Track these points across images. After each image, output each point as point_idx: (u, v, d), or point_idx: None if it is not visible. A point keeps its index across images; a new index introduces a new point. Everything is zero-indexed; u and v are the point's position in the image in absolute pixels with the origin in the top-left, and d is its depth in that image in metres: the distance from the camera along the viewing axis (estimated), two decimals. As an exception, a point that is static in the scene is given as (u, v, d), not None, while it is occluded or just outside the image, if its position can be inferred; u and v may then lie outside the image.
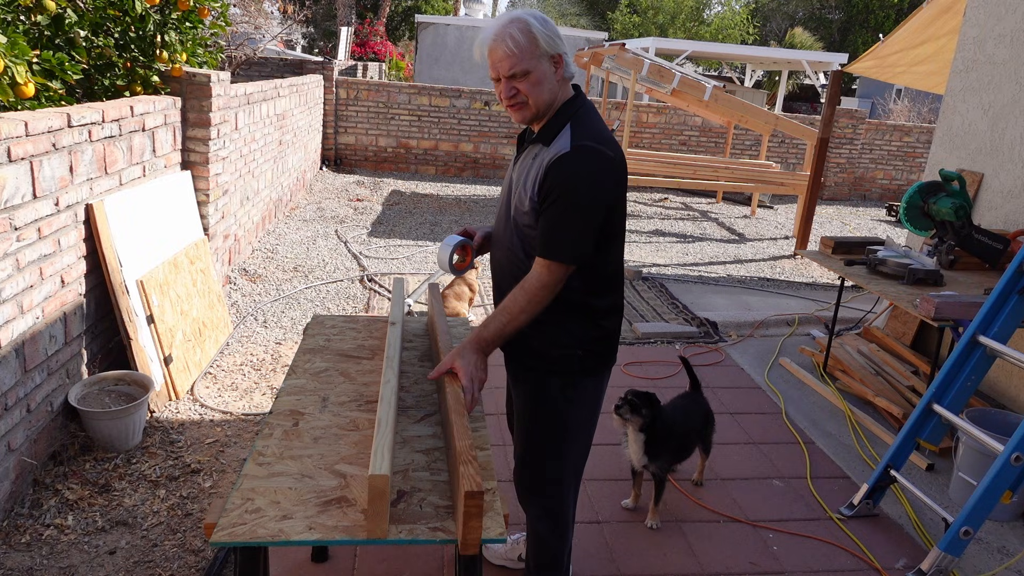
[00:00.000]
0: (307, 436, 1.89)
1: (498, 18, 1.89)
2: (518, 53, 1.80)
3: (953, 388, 2.96)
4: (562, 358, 2.00)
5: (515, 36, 1.80)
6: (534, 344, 2.01)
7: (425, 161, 10.97)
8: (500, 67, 1.83)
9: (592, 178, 1.82)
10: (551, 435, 2.08)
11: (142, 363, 3.35)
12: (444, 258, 2.10)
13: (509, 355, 2.12)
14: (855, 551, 2.80)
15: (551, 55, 1.84)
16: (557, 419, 2.06)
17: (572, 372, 2.02)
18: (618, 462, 3.27)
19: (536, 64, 1.82)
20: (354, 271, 5.93)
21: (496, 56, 1.83)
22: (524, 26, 1.81)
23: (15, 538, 2.53)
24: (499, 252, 2.09)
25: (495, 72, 1.86)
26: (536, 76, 1.83)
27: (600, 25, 28.16)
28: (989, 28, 4.26)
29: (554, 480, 2.13)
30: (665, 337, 4.91)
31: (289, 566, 2.49)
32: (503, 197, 2.06)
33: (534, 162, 1.90)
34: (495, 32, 1.83)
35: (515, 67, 1.81)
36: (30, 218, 2.73)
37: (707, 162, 8.98)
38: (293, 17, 18.55)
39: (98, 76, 4.00)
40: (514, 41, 1.80)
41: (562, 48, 1.86)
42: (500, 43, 1.81)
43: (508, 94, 1.86)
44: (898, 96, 22.30)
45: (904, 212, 3.87)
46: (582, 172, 1.81)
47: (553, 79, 1.86)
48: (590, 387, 2.08)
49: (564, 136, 1.85)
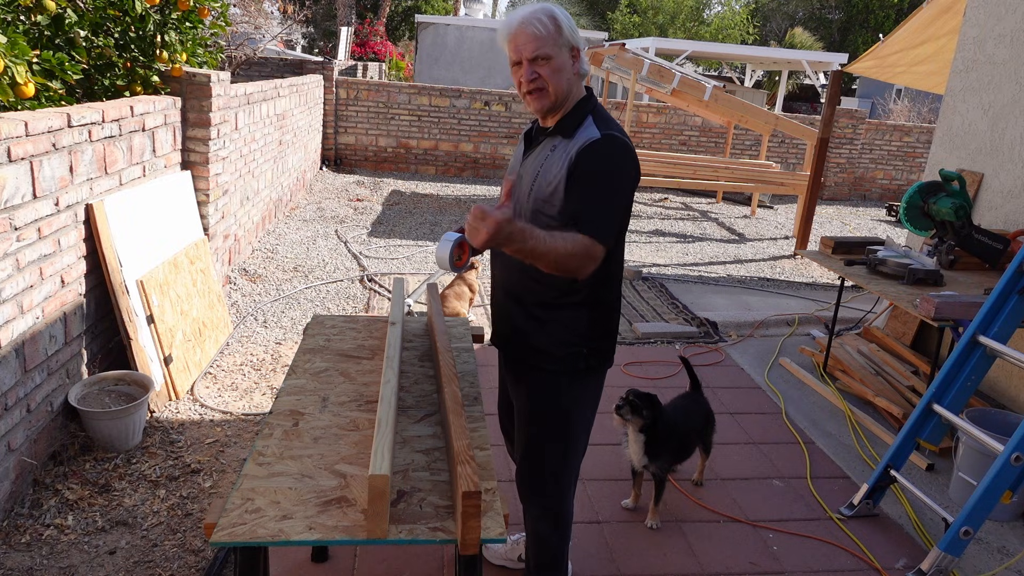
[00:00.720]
0: (307, 436, 1.89)
1: (524, 8, 1.93)
2: (545, 36, 1.85)
3: (953, 388, 2.96)
4: (567, 356, 2.00)
5: (543, 20, 1.86)
6: (539, 343, 2.01)
7: (425, 161, 10.97)
8: (525, 49, 1.86)
9: (624, 165, 1.87)
10: (555, 435, 2.08)
11: (142, 363, 3.35)
12: (444, 256, 2.08)
13: (510, 355, 2.12)
14: (855, 551, 2.80)
15: (571, 46, 1.90)
16: (561, 418, 2.06)
17: (577, 370, 2.02)
18: (618, 462, 3.27)
19: (558, 51, 1.87)
20: (354, 271, 5.93)
21: (521, 40, 1.87)
22: (551, 13, 1.88)
23: (15, 538, 2.53)
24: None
25: (517, 55, 1.89)
26: (557, 63, 1.88)
27: (600, 25, 28.15)
28: (989, 28, 4.26)
29: (555, 479, 2.13)
30: (665, 337, 4.91)
31: (289, 566, 2.49)
32: (515, 195, 2.03)
33: (553, 153, 1.92)
34: (523, 17, 1.88)
35: (539, 50, 1.86)
36: (30, 218, 2.73)
37: (707, 162, 8.98)
38: (293, 17, 18.55)
39: (98, 76, 4.00)
40: (542, 24, 1.85)
41: (581, 43, 1.93)
42: (528, 26, 1.86)
43: (529, 77, 1.88)
44: (898, 96, 22.31)
45: (904, 212, 3.87)
46: (615, 157, 1.86)
47: (571, 70, 1.91)
48: (592, 385, 2.09)
49: (589, 126, 1.90)
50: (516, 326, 2.05)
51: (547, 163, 1.92)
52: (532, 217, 1.94)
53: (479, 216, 1.66)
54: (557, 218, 1.89)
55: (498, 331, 2.16)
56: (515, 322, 2.06)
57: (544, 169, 1.92)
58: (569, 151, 1.88)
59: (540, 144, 1.99)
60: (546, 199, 1.91)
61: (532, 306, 2.01)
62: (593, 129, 1.89)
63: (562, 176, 1.87)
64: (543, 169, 1.93)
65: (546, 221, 1.91)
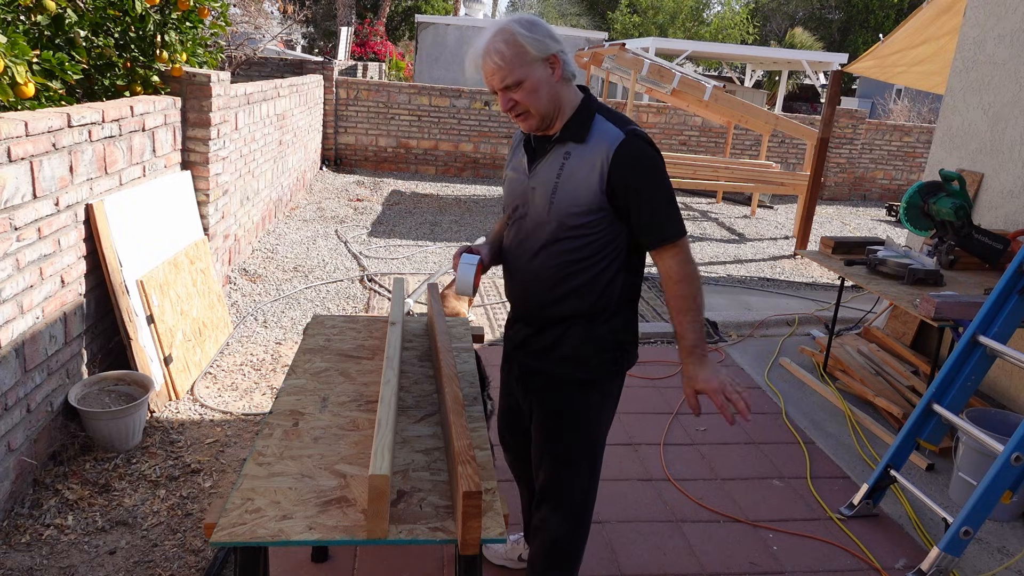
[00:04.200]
0: (307, 436, 1.89)
1: (485, 31, 1.84)
2: (505, 66, 1.77)
3: (953, 388, 2.96)
4: (598, 362, 1.95)
5: (500, 49, 1.77)
6: (567, 351, 1.95)
7: (425, 161, 10.97)
8: (492, 81, 1.81)
9: (659, 157, 1.87)
10: (585, 442, 2.02)
11: (142, 363, 3.35)
12: (468, 281, 1.95)
13: (529, 367, 2.04)
14: (855, 551, 2.80)
15: (544, 58, 1.80)
16: (590, 425, 2.01)
17: (608, 374, 1.99)
18: (619, 462, 3.27)
19: (527, 71, 1.78)
20: (354, 271, 5.93)
21: (487, 71, 1.81)
22: (509, 36, 1.77)
23: (15, 538, 2.53)
24: (526, 262, 1.97)
25: (490, 86, 1.83)
26: (530, 83, 1.79)
27: (600, 25, 28.17)
28: (989, 28, 4.26)
29: (585, 491, 2.07)
30: (665, 337, 4.91)
31: (289, 566, 2.49)
32: (527, 212, 1.94)
33: (569, 160, 1.85)
34: (482, 48, 1.80)
35: (506, 79, 1.78)
36: (30, 218, 2.73)
37: (707, 162, 8.98)
38: (293, 17, 18.56)
39: (98, 76, 4.00)
40: (499, 55, 1.77)
41: (556, 48, 1.81)
42: (487, 58, 1.79)
43: (506, 106, 1.83)
44: (898, 96, 22.29)
45: (904, 212, 3.87)
46: (650, 152, 1.85)
47: (551, 81, 1.82)
48: (618, 386, 2.06)
49: (604, 125, 1.85)
50: (545, 337, 1.98)
51: (566, 171, 1.85)
52: (557, 228, 1.87)
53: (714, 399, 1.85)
54: (588, 224, 1.85)
55: (520, 345, 2.06)
56: (543, 337, 1.98)
57: (564, 178, 1.85)
58: (594, 156, 1.82)
59: (549, 152, 1.90)
60: (573, 209, 1.84)
61: (563, 320, 1.94)
62: (611, 128, 1.84)
63: (594, 183, 1.82)
64: (563, 179, 1.85)
65: (572, 231, 1.86)
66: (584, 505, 2.09)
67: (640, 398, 3.92)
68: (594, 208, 1.83)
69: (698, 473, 3.28)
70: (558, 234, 1.88)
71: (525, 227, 1.95)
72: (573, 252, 1.88)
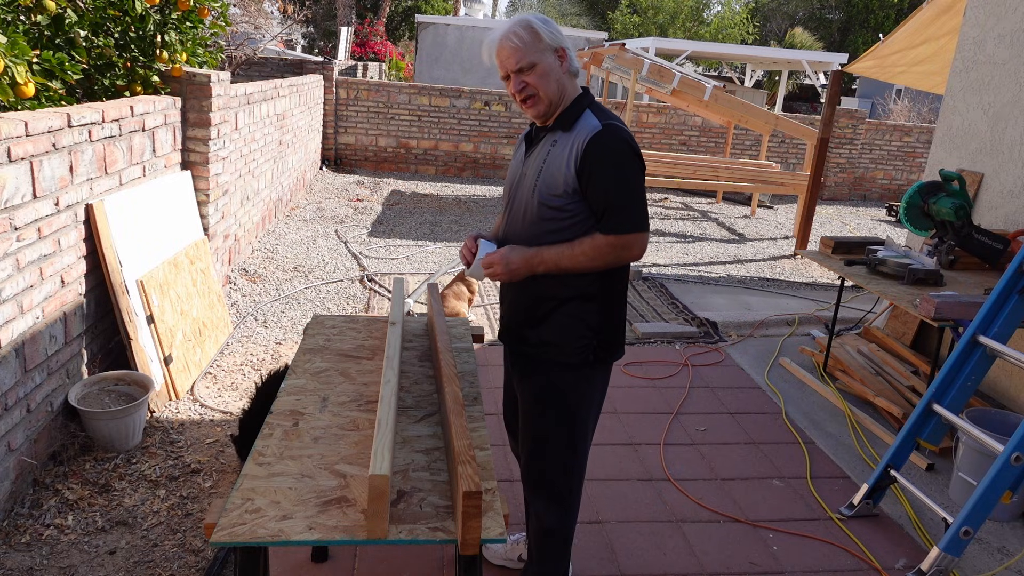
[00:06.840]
0: (307, 436, 1.89)
1: (503, 22, 2.01)
2: (523, 47, 1.93)
3: (953, 388, 2.96)
4: (579, 350, 2.03)
5: (519, 33, 1.94)
6: (550, 336, 2.04)
7: (425, 161, 10.97)
8: (508, 63, 1.95)
9: (632, 151, 1.93)
10: (561, 424, 2.09)
11: (142, 363, 3.35)
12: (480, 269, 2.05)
13: (519, 349, 2.13)
14: (855, 551, 2.80)
15: (554, 48, 1.97)
16: (569, 408, 2.08)
17: (587, 363, 2.04)
18: (618, 462, 3.27)
19: (541, 57, 1.94)
20: (354, 271, 5.93)
21: (503, 54, 1.96)
22: (527, 24, 1.96)
23: (15, 538, 2.53)
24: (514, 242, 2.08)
25: (504, 70, 1.98)
26: (542, 68, 1.94)
27: (600, 25, 28.17)
28: (989, 28, 4.26)
29: (564, 470, 2.13)
30: (665, 337, 4.90)
31: (289, 566, 2.49)
32: (517, 194, 2.07)
33: (555, 147, 1.97)
34: (501, 33, 1.97)
35: (521, 60, 1.93)
36: (30, 218, 2.73)
37: (707, 162, 8.98)
38: (293, 17, 18.56)
39: (98, 76, 4.00)
40: (518, 37, 1.94)
41: (565, 43, 1.99)
42: (506, 40, 1.95)
43: (518, 87, 1.96)
44: (898, 96, 22.29)
45: (904, 212, 3.87)
46: (623, 144, 1.92)
47: (559, 71, 1.97)
48: (600, 377, 2.12)
49: (589, 118, 1.96)
50: (526, 320, 2.07)
51: (550, 157, 1.98)
52: (538, 210, 1.99)
53: (494, 270, 1.97)
54: (565, 208, 1.95)
55: (507, 326, 2.17)
56: (526, 316, 2.07)
57: (548, 163, 1.98)
58: (573, 143, 1.93)
59: (540, 142, 2.05)
60: (552, 191, 1.95)
61: (543, 300, 2.03)
62: (593, 119, 1.95)
63: (569, 168, 1.92)
64: (547, 164, 1.98)
65: (552, 212, 1.97)
66: (568, 489, 2.14)
67: (640, 398, 3.92)
68: (569, 191, 1.94)
69: (698, 473, 3.28)
70: (540, 214, 1.99)
71: (515, 211, 2.08)
72: (553, 235, 1.98)
